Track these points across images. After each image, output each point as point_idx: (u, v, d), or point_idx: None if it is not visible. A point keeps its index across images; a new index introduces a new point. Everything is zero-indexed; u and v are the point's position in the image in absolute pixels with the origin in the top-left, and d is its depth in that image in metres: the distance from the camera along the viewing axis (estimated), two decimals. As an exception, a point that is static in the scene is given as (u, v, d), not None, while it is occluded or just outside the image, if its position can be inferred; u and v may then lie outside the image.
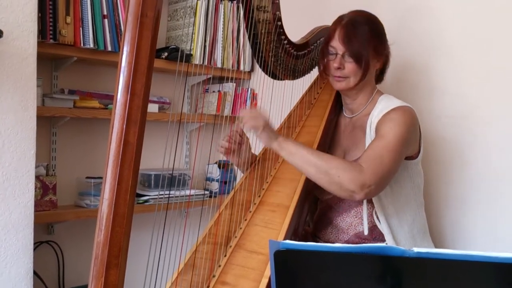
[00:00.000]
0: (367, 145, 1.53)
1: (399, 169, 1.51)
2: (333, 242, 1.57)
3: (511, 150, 1.66)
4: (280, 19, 1.57)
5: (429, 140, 1.78)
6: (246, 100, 2.59)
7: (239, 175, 2.22)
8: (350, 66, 1.53)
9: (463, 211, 1.78)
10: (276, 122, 1.80)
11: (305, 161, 1.39)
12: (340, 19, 1.57)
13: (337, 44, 1.53)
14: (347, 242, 1.56)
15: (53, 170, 2.17)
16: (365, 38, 1.51)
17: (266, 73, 1.66)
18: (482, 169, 1.73)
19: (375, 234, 1.53)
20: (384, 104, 1.54)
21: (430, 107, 1.85)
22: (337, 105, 1.73)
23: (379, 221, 1.51)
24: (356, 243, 1.52)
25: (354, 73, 1.54)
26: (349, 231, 1.56)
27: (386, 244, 1.48)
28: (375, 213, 1.52)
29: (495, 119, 1.70)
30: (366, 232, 1.52)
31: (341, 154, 1.63)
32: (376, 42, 1.55)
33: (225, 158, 2.55)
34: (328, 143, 1.66)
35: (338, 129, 1.70)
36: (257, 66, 1.75)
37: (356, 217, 1.55)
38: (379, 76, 1.67)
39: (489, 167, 1.71)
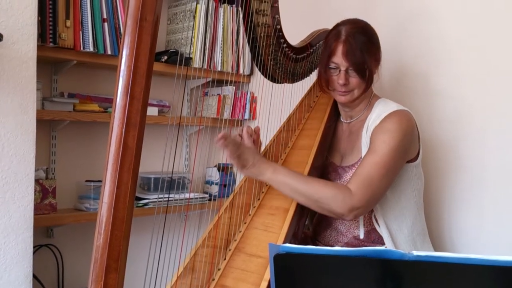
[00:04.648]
0: (362, 149, 1.54)
1: (400, 173, 1.51)
2: (332, 245, 1.57)
3: (508, 153, 1.66)
4: (279, 23, 1.57)
5: (427, 143, 1.78)
6: (246, 104, 2.60)
7: (239, 178, 2.22)
8: (354, 80, 1.53)
9: (461, 214, 1.78)
10: (276, 125, 1.80)
11: (295, 192, 1.42)
12: (337, 34, 1.54)
13: (339, 60, 1.52)
14: (347, 244, 1.56)
15: (53, 174, 2.17)
16: (366, 50, 1.51)
17: (266, 77, 1.66)
18: (480, 173, 1.73)
19: (374, 236, 1.54)
20: (381, 108, 1.55)
21: (428, 110, 1.85)
22: (336, 109, 1.73)
23: (378, 225, 1.52)
24: (355, 245, 1.53)
25: (358, 86, 1.54)
26: (348, 233, 1.56)
27: (386, 247, 1.48)
28: (374, 216, 1.52)
29: (493, 123, 1.70)
30: (361, 236, 1.53)
31: (338, 158, 1.64)
32: (375, 51, 1.56)
33: (225, 161, 2.56)
34: (327, 146, 1.67)
35: (336, 134, 1.71)
36: (256, 70, 1.75)
37: (355, 220, 1.55)
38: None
39: (486, 171, 1.71)
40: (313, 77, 1.84)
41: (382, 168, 1.42)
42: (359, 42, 1.51)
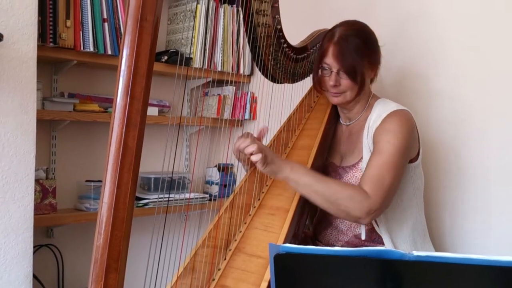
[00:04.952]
0: (363, 150, 1.53)
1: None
2: (333, 243, 1.57)
3: (508, 153, 1.66)
4: (279, 23, 1.57)
5: (427, 143, 1.78)
6: (246, 104, 2.60)
7: (239, 178, 2.23)
8: (345, 82, 1.52)
9: (462, 214, 1.78)
10: (276, 125, 1.80)
11: (313, 191, 1.39)
12: (331, 35, 1.54)
13: (331, 61, 1.52)
14: (347, 243, 1.56)
15: (53, 174, 2.17)
16: (359, 52, 1.50)
17: (266, 77, 1.66)
18: (480, 173, 1.73)
19: (375, 236, 1.54)
20: (381, 109, 1.54)
21: (428, 111, 1.85)
22: (336, 110, 1.73)
23: (377, 225, 1.51)
24: (356, 244, 1.53)
25: (350, 88, 1.53)
26: (349, 232, 1.56)
27: (385, 247, 1.48)
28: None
29: (493, 123, 1.70)
30: (363, 237, 1.52)
31: (338, 160, 1.64)
32: (370, 54, 1.54)
33: (225, 161, 2.56)
34: (327, 146, 1.66)
35: (336, 135, 1.70)
36: (256, 70, 1.75)
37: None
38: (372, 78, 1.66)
39: (486, 171, 1.71)
40: (313, 77, 1.84)
41: (392, 168, 1.41)
42: (352, 45, 1.50)
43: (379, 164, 1.42)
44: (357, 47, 1.50)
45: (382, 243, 1.52)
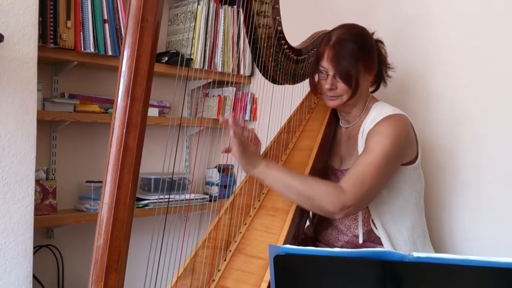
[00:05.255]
0: (359, 153, 1.53)
1: (398, 175, 1.51)
2: (333, 243, 1.58)
3: (508, 154, 1.67)
4: (280, 24, 1.57)
5: (426, 145, 1.78)
6: (246, 105, 2.60)
7: (239, 179, 2.23)
8: (341, 86, 1.52)
9: (462, 216, 1.78)
10: (276, 126, 1.80)
11: (287, 187, 1.40)
12: (328, 38, 1.54)
13: (327, 65, 1.52)
14: (347, 242, 1.56)
15: (53, 174, 2.17)
16: (354, 57, 1.49)
17: (266, 78, 1.66)
18: (480, 174, 1.73)
19: (374, 236, 1.54)
20: (377, 112, 1.54)
21: (427, 112, 1.85)
22: (336, 112, 1.73)
23: (375, 227, 1.51)
24: (356, 244, 1.54)
25: (346, 92, 1.53)
26: (349, 232, 1.56)
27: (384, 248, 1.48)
28: (372, 219, 1.52)
29: (493, 124, 1.70)
30: (360, 241, 1.52)
31: (338, 163, 1.64)
32: (366, 58, 1.53)
33: (225, 162, 2.56)
34: (328, 147, 1.67)
35: (336, 138, 1.70)
36: (257, 71, 1.76)
37: (355, 220, 1.55)
38: (378, 83, 1.66)
39: (486, 172, 1.71)
40: (313, 78, 1.84)
41: (375, 168, 1.41)
42: (347, 49, 1.50)
43: (364, 163, 1.42)
44: (352, 51, 1.50)
45: (381, 244, 1.52)
